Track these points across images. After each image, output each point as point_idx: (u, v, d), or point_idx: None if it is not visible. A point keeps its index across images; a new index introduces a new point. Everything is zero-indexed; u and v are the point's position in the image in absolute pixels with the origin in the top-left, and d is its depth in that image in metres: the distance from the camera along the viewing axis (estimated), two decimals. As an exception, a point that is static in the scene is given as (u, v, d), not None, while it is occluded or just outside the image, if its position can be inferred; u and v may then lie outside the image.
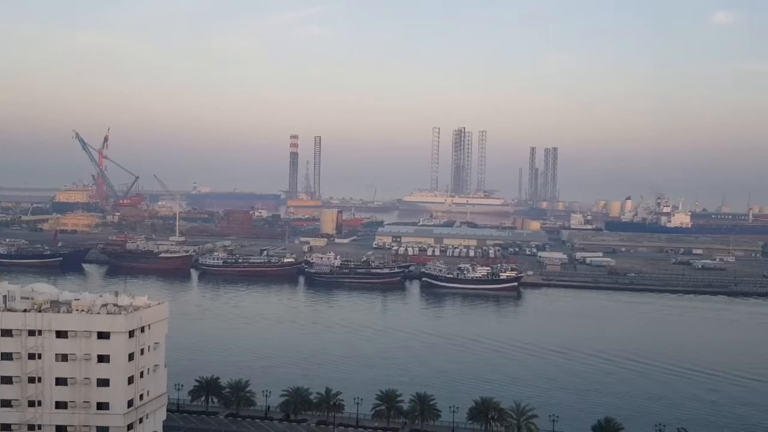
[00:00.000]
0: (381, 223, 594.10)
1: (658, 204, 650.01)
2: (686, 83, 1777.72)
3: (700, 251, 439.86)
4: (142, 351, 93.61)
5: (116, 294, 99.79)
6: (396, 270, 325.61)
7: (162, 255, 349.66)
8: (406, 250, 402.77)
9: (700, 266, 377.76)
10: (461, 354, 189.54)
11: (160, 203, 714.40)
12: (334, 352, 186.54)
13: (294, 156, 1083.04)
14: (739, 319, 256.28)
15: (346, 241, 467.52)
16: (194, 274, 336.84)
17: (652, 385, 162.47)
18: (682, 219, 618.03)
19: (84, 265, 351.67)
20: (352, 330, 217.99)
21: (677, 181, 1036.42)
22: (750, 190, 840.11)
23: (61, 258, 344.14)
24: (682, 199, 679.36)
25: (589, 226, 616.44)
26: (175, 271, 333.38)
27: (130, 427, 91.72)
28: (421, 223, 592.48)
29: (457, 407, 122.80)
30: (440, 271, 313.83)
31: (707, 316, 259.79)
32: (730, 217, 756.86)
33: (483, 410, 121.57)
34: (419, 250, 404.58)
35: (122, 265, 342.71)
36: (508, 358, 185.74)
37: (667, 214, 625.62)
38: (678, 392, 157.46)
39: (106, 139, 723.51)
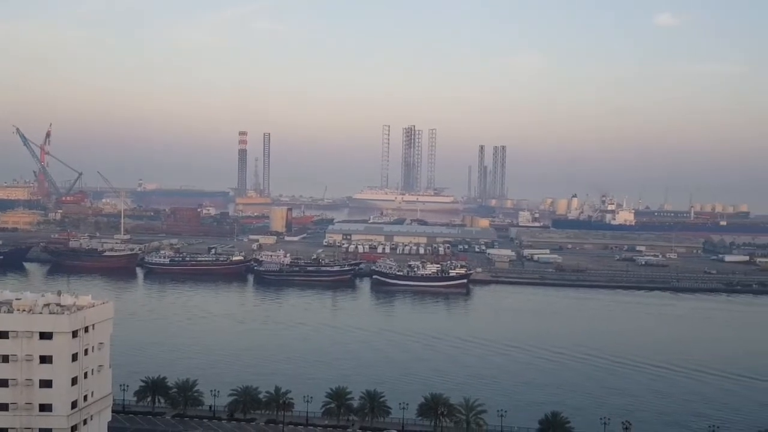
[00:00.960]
0: (331, 221, 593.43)
1: (603, 202, 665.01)
2: (631, 84, 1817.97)
3: (643, 248, 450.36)
4: (86, 351, 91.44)
5: (59, 293, 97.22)
6: (346, 268, 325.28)
7: (106, 253, 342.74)
8: (356, 247, 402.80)
9: (643, 263, 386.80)
10: (412, 351, 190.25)
11: (104, 200, 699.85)
12: (284, 350, 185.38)
13: (243, 153, 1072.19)
14: (682, 314, 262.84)
15: (296, 238, 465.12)
16: (140, 272, 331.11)
17: (600, 379, 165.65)
18: (626, 216, 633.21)
19: (25, 264, 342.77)
20: (302, 328, 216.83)
21: (622, 179, 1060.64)
22: (692, 189, 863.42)
23: (1, 257, 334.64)
24: (626, 197, 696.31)
25: (536, 224, 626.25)
26: (120, 270, 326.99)
27: (74, 428, 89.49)
28: (371, 220, 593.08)
29: (407, 404, 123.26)
30: (390, 268, 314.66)
31: (652, 312, 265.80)
32: (672, 214, 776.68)
33: (432, 406, 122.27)
34: (369, 248, 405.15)
35: (65, 263, 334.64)
36: (459, 355, 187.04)
37: (612, 211, 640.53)
38: (624, 385, 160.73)
39: (48, 134, 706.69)
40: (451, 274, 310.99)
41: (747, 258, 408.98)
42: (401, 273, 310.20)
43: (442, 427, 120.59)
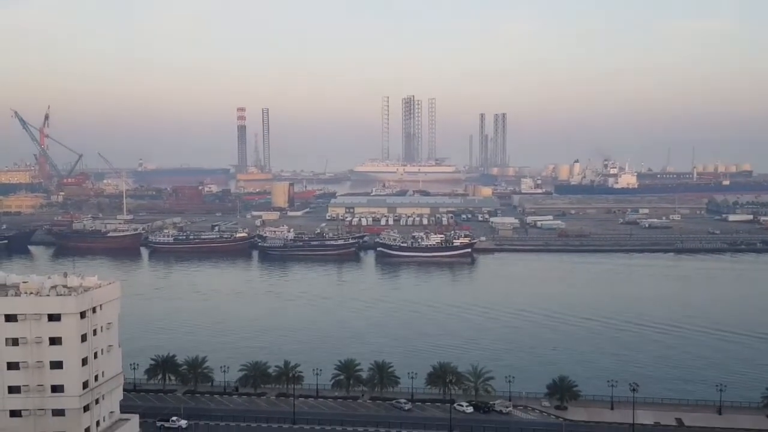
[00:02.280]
0: (333, 195, 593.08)
1: (605, 166, 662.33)
2: (628, 45, 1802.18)
3: (646, 211, 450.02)
4: (94, 332, 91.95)
5: (65, 275, 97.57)
6: (350, 241, 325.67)
7: (110, 234, 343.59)
8: (359, 220, 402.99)
9: (647, 225, 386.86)
10: (419, 321, 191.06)
11: (105, 181, 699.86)
12: (291, 324, 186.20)
13: (242, 129, 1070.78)
14: (687, 275, 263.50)
15: (298, 213, 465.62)
16: (144, 252, 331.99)
17: (607, 342, 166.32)
18: (628, 180, 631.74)
19: (30, 247, 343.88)
20: (309, 302, 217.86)
21: (623, 142, 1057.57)
22: (694, 149, 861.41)
23: (6, 241, 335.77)
24: (628, 161, 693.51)
25: (539, 191, 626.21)
26: (124, 250, 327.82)
27: (86, 408, 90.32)
28: (373, 193, 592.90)
29: (416, 373, 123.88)
30: (394, 240, 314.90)
31: (656, 273, 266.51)
32: (675, 176, 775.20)
33: (441, 375, 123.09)
34: (373, 220, 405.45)
35: (69, 245, 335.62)
36: (465, 323, 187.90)
37: (614, 175, 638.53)
38: (631, 347, 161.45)
39: (46, 117, 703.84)
40: (455, 244, 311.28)
41: (751, 217, 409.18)
42: (405, 244, 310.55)
43: (451, 395, 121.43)
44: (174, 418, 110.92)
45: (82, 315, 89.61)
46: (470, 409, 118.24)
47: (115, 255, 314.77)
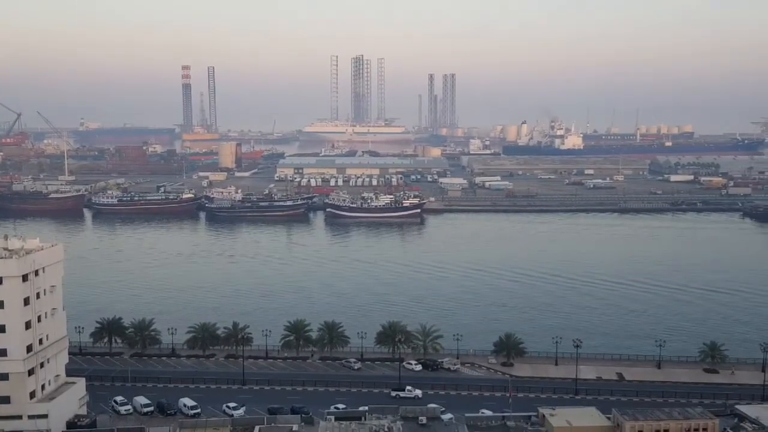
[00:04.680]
0: (282, 155, 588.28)
1: (552, 127, 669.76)
2: (573, 12, 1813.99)
3: (591, 171, 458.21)
4: (38, 295, 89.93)
5: (6, 237, 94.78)
6: (299, 202, 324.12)
7: (52, 195, 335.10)
8: (308, 181, 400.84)
9: (592, 186, 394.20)
10: (368, 281, 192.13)
11: (46, 141, 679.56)
12: (240, 286, 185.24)
13: (186, 87, 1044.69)
14: (630, 234, 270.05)
15: (246, 174, 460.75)
16: (88, 214, 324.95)
17: (553, 301, 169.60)
18: (574, 141, 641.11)
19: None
20: (257, 264, 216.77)
21: (570, 102, 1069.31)
22: (638, 111, 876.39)
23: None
24: (574, 122, 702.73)
25: (487, 151, 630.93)
26: (67, 212, 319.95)
27: (30, 372, 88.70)
28: (322, 153, 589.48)
29: (365, 333, 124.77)
30: (344, 201, 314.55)
31: (601, 232, 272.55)
32: (619, 137, 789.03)
33: (390, 334, 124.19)
34: (322, 181, 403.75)
35: (10, 207, 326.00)
36: (414, 282, 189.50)
37: (561, 136, 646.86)
38: (576, 304, 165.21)
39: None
40: (404, 205, 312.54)
41: (692, 177, 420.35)
42: (355, 205, 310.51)
43: (400, 354, 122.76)
44: (409, 387, 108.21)
45: (24, 278, 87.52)
46: (419, 367, 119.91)
47: (57, 217, 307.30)
